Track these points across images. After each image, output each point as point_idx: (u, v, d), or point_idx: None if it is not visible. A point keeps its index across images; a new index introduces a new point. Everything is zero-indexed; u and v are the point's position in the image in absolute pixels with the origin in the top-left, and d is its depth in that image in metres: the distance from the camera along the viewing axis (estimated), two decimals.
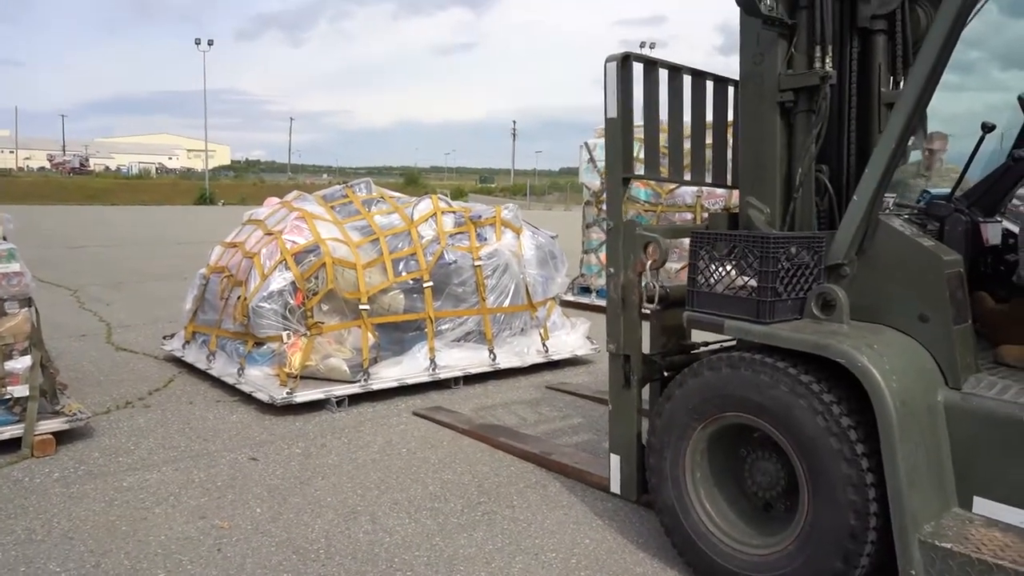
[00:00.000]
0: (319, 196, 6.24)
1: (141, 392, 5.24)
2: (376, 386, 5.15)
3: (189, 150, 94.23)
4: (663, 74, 3.35)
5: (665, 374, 3.37)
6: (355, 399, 5.05)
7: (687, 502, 2.94)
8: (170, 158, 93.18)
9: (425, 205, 6.07)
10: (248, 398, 5.02)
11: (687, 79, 3.42)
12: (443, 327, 5.62)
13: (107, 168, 72.51)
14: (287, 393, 4.82)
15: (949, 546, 2.29)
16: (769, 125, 3.06)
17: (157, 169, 76.39)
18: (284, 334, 5.12)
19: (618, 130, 3.23)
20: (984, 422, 2.46)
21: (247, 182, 60.39)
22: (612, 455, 3.41)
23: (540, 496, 3.69)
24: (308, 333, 5.13)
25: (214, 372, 5.41)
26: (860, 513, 2.43)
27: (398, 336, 5.51)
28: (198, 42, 45.06)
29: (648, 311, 3.29)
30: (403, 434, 4.55)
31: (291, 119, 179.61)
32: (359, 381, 5.10)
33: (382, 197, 6.22)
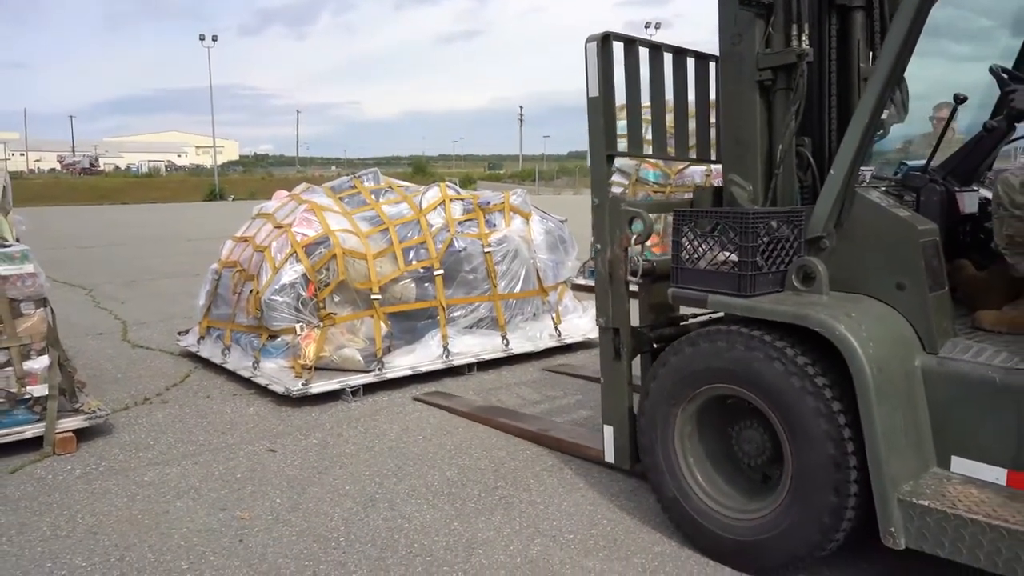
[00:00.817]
0: (327, 188, 6.25)
1: (158, 388, 5.29)
2: (390, 375, 5.17)
3: (198, 147, 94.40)
4: (644, 53, 3.38)
5: (655, 346, 3.40)
6: (370, 388, 5.08)
7: (678, 472, 3.04)
8: (179, 155, 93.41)
9: (433, 193, 6.07)
10: (264, 390, 5.06)
11: (668, 57, 3.45)
12: (455, 314, 5.64)
13: (117, 167, 72.83)
14: (302, 384, 4.86)
15: (926, 503, 2.38)
16: (749, 104, 3.11)
17: (166, 167, 76.63)
18: (297, 326, 5.16)
19: (600, 108, 3.27)
20: (960, 385, 2.54)
21: (256, 176, 60.51)
22: (605, 426, 3.48)
23: (557, 479, 3.71)
24: (321, 324, 5.16)
25: (229, 366, 5.45)
26: (841, 474, 2.52)
27: (410, 325, 5.53)
28: (202, 38, 45.06)
29: (636, 286, 3.34)
30: (419, 422, 4.57)
31: (298, 112, 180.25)
32: (373, 370, 5.13)
33: (390, 187, 6.22)
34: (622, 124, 3.44)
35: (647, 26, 47.09)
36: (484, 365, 5.64)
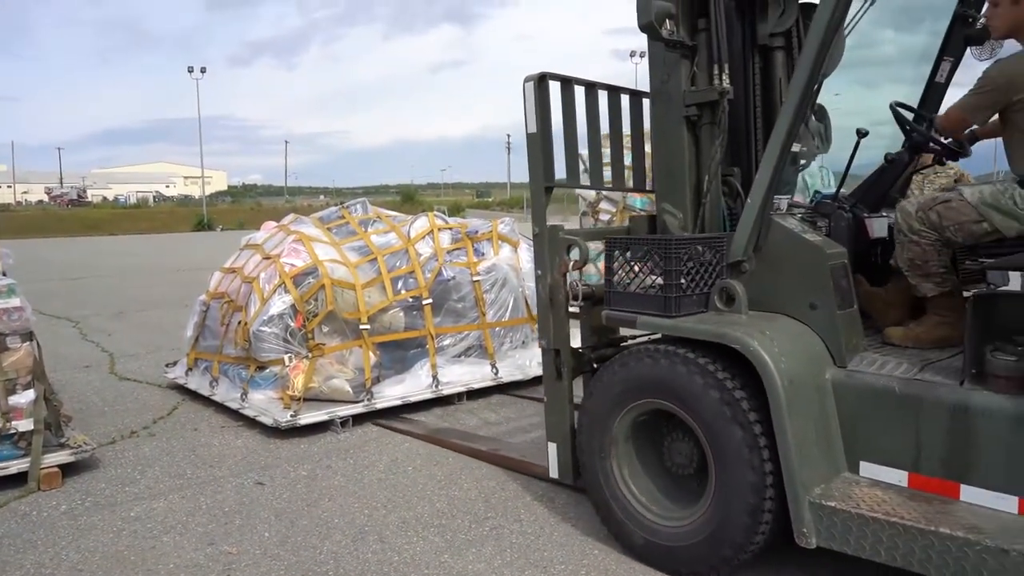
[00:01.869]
0: (316, 218, 6.27)
1: (146, 421, 5.25)
2: (379, 405, 5.15)
3: (186, 177, 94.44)
4: (581, 91, 3.59)
5: (595, 366, 3.54)
6: (359, 419, 5.05)
7: (614, 484, 3.20)
8: (167, 186, 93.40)
9: (422, 223, 6.10)
10: (252, 422, 5.02)
11: (604, 94, 3.68)
12: (444, 343, 5.63)
13: (105, 199, 72.73)
14: (291, 416, 4.83)
15: (834, 504, 2.58)
16: (677, 137, 3.34)
17: (155, 198, 76.58)
18: (286, 357, 5.14)
19: (538, 143, 3.49)
20: (865, 395, 2.74)
21: (245, 206, 60.54)
22: (549, 443, 3.63)
23: (548, 509, 3.69)
24: (310, 355, 5.14)
25: (217, 398, 5.42)
26: (758, 480, 2.70)
27: (400, 354, 5.52)
28: (191, 70, 45.40)
29: (577, 309, 3.51)
30: (408, 452, 4.55)
31: (286, 142, 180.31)
32: (362, 401, 5.10)
33: (379, 217, 6.25)
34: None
35: (632, 55, 47.74)
36: (474, 394, 5.62)
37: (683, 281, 2.99)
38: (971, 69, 3.49)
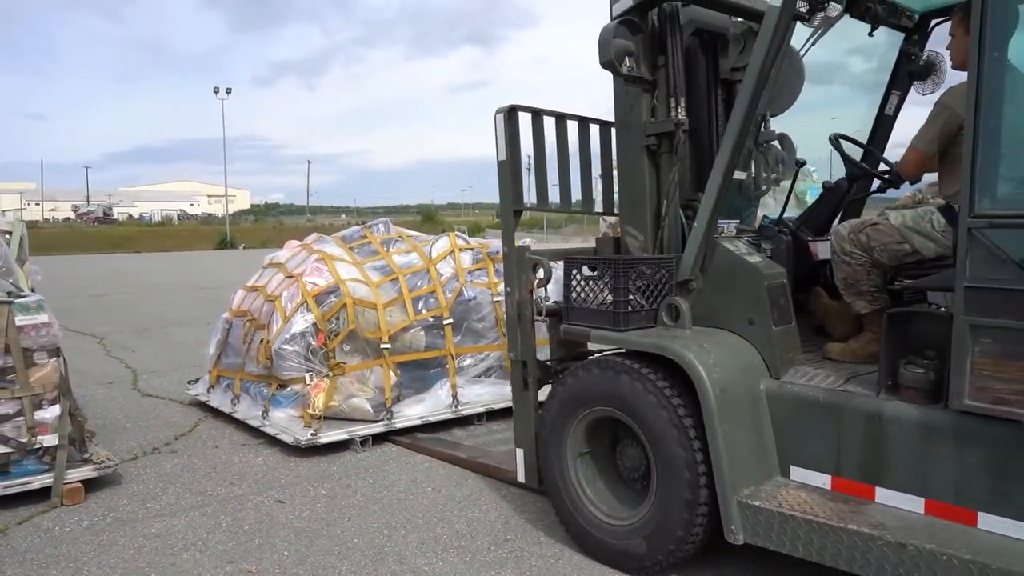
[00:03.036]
0: (338, 237, 6.32)
1: (167, 437, 5.29)
2: (399, 424, 5.15)
3: (210, 196, 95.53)
4: (551, 121, 3.87)
5: (560, 377, 3.70)
6: (379, 438, 5.06)
7: (571, 487, 3.44)
8: (191, 204, 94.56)
9: (443, 243, 6.12)
10: (273, 440, 5.04)
11: (574, 124, 3.93)
12: (465, 363, 5.63)
13: (130, 216, 73.74)
14: (311, 434, 4.84)
15: (759, 504, 2.79)
16: (639, 165, 3.59)
17: (179, 216, 77.52)
18: (307, 375, 5.16)
19: (508, 170, 3.75)
20: (794, 404, 2.95)
21: (267, 225, 61.12)
22: (517, 449, 3.86)
23: (567, 532, 3.66)
24: (331, 374, 5.16)
25: (239, 415, 5.45)
26: (694, 480, 2.92)
27: (420, 374, 5.52)
28: (216, 90, 46.11)
29: (543, 323, 3.73)
30: (428, 472, 4.54)
31: (308, 162, 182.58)
32: (382, 420, 5.11)
33: (400, 236, 6.28)
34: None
35: None
36: (494, 414, 5.61)
37: (632, 298, 3.26)
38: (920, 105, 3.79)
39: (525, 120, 3.77)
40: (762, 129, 3.76)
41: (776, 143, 3.81)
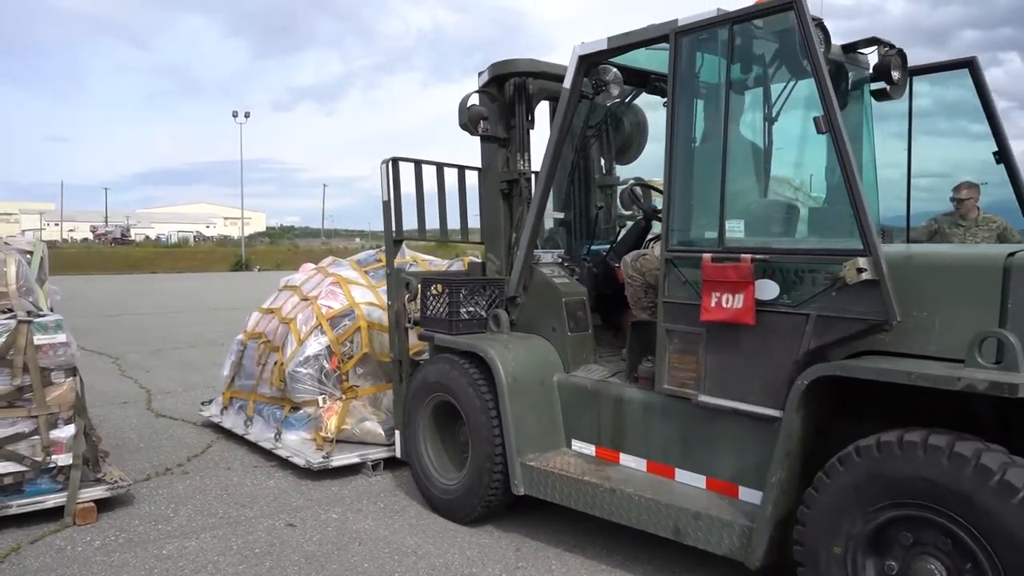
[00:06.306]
0: (353, 261, 6.35)
1: (180, 458, 5.30)
2: None
3: (226, 218, 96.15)
4: (431, 168, 4.85)
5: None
6: (391, 462, 5.04)
7: (422, 457, 4.36)
8: (208, 226, 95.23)
9: (457, 267, 6.13)
10: (285, 463, 5.04)
11: (452, 171, 4.92)
12: None
13: (147, 237, 74.31)
14: (323, 457, 4.84)
15: (534, 464, 3.73)
16: (496, 205, 4.53)
17: (195, 237, 78.07)
18: (320, 398, 5.17)
19: (390, 209, 4.73)
20: (575, 392, 3.87)
21: (282, 248, 61.42)
22: (396, 431, 4.74)
23: (579, 560, 3.63)
24: (344, 397, 5.17)
25: (251, 437, 5.45)
26: (493, 448, 3.85)
27: None
28: (235, 115, 46.55)
29: (414, 330, 4.61)
30: None
31: (324, 185, 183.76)
32: (394, 444, 5.09)
33: (415, 260, 6.30)
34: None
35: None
36: None
37: (470, 309, 4.21)
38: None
39: (408, 168, 4.72)
40: (611, 175, 4.96)
41: (638, 188, 4.57)
